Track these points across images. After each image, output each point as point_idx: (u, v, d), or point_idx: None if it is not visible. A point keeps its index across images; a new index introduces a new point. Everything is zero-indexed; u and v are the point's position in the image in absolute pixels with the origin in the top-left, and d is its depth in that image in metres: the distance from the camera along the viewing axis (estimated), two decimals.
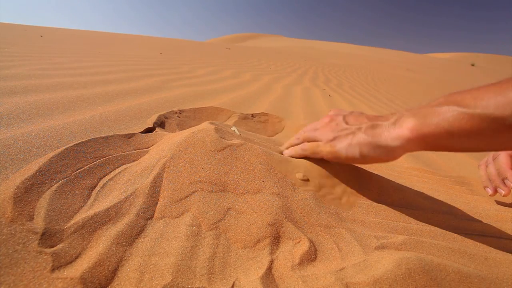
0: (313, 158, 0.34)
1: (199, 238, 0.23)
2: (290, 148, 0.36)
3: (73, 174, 0.28)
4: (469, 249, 0.27)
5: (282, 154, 0.36)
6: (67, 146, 0.31)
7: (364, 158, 0.30)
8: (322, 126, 0.35)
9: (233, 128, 0.43)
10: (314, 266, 0.22)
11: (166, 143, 0.36)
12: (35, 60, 1.24)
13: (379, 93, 2.11)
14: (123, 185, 0.28)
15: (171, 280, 0.19)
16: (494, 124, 0.21)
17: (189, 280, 0.19)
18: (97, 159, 0.31)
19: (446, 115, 0.24)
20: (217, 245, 0.23)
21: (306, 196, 0.29)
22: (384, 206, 0.32)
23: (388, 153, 0.28)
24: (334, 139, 0.32)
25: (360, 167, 0.38)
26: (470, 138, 0.23)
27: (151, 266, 0.20)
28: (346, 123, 0.33)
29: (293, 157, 0.35)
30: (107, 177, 0.29)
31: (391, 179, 0.42)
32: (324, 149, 0.32)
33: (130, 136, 0.39)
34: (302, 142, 0.36)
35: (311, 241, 0.24)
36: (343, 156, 0.31)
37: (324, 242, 0.25)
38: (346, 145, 0.30)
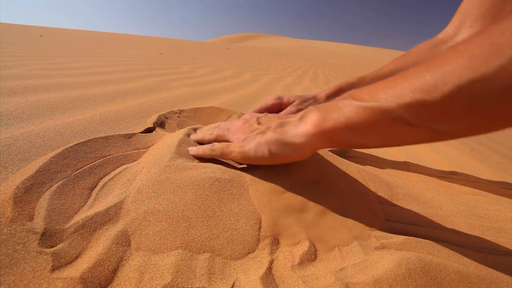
0: (221, 158, 0.33)
1: None
2: (199, 148, 0.33)
3: (73, 174, 0.28)
4: (469, 249, 0.27)
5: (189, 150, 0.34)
6: (67, 146, 0.31)
7: (273, 157, 0.29)
8: (235, 127, 0.34)
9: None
10: (314, 266, 0.22)
11: (164, 142, 0.36)
12: (35, 60, 1.24)
13: None
14: (123, 185, 0.28)
15: (171, 280, 0.19)
16: (384, 116, 0.21)
17: (189, 280, 0.19)
18: (97, 159, 0.31)
19: (345, 109, 0.24)
20: None
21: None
22: (384, 206, 0.32)
23: (295, 150, 0.28)
24: (244, 139, 0.31)
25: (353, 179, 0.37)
26: (367, 133, 0.23)
27: (151, 266, 0.20)
28: (259, 123, 0.32)
29: (200, 157, 0.33)
30: (107, 177, 0.29)
31: (391, 179, 0.42)
32: (234, 149, 0.31)
33: (130, 136, 0.39)
34: (214, 139, 0.35)
35: (311, 241, 0.24)
36: (253, 156, 0.29)
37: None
38: (255, 145, 0.29)
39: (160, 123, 0.50)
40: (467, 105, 0.18)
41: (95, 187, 0.28)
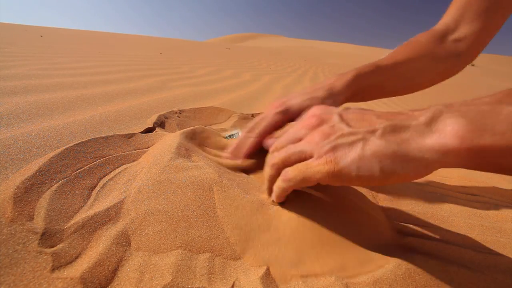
0: (304, 186, 0.23)
1: None
2: (273, 194, 0.25)
3: (73, 174, 0.28)
4: (469, 249, 0.27)
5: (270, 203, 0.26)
6: (67, 146, 0.31)
7: (386, 177, 0.20)
8: (306, 131, 0.24)
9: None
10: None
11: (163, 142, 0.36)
12: (35, 60, 1.24)
13: None
14: (123, 185, 0.28)
15: (171, 280, 0.19)
16: None
17: (189, 280, 0.19)
18: (97, 159, 0.31)
19: None
20: None
21: None
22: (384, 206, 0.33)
23: (419, 169, 0.19)
24: (332, 150, 0.21)
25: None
26: None
27: (151, 266, 0.20)
28: (347, 124, 0.23)
29: (279, 202, 0.25)
30: (107, 177, 0.29)
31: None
32: (319, 169, 0.21)
33: (130, 136, 0.39)
34: (279, 168, 0.24)
35: None
36: (353, 175, 0.20)
37: None
38: (355, 159, 0.20)
39: (160, 123, 0.50)
40: None
41: (95, 187, 0.28)
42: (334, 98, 0.36)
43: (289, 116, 0.34)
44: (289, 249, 0.22)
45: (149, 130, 0.46)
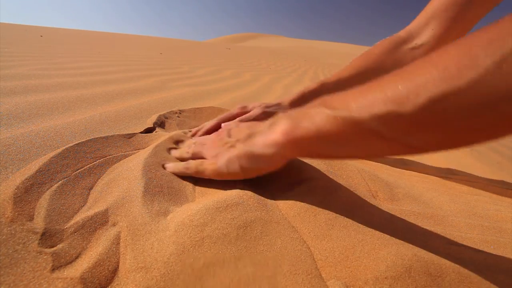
0: (196, 176, 0.31)
1: None
2: (176, 165, 0.32)
3: (73, 174, 0.28)
4: (469, 249, 0.27)
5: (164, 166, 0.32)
6: (67, 146, 0.31)
7: (245, 172, 0.27)
8: (209, 142, 0.33)
9: None
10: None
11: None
12: (35, 60, 1.24)
13: None
14: (123, 185, 0.28)
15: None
16: (356, 127, 0.20)
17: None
18: (97, 159, 0.31)
19: (315, 118, 0.22)
20: None
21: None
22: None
23: (266, 163, 0.26)
24: (216, 155, 0.30)
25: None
26: (339, 144, 0.22)
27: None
28: (229, 136, 0.31)
29: (175, 173, 0.31)
30: (107, 177, 0.29)
31: (391, 179, 0.42)
32: (207, 167, 0.29)
33: (130, 136, 0.39)
34: (191, 157, 0.33)
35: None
36: (225, 172, 0.28)
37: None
38: (226, 161, 0.28)
39: (160, 123, 0.50)
40: (439, 119, 0.17)
41: (95, 187, 0.28)
42: (283, 108, 0.47)
43: (244, 112, 0.46)
44: None
45: (149, 130, 0.46)
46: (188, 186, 0.30)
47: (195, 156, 0.33)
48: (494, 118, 0.15)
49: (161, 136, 0.41)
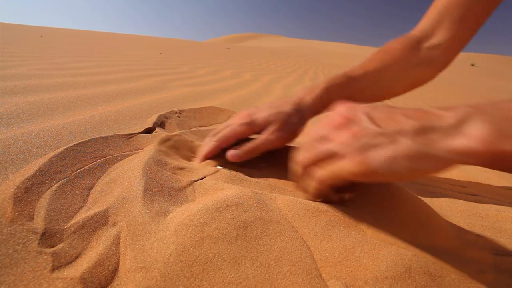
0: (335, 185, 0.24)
1: None
2: (311, 194, 0.26)
3: (73, 174, 0.28)
4: (469, 249, 0.27)
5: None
6: (67, 146, 0.31)
7: (412, 173, 0.21)
8: (334, 131, 0.24)
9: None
10: None
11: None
12: (35, 60, 1.24)
13: None
14: (123, 185, 0.28)
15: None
16: None
17: None
18: (97, 159, 0.31)
19: None
20: None
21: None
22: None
23: (440, 166, 0.21)
24: (364, 151, 0.22)
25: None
26: None
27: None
28: (376, 124, 0.23)
29: (316, 199, 0.26)
30: (107, 177, 0.29)
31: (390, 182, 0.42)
32: (352, 169, 0.22)
33: (130, 136, 0.39)
34: (307, 167, 0.25)
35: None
36: (385, 174, 0.21)
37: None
38: (387, 160, 0.21)
39: (160, 123, 0.50)
40: None
41: (95, 187, 0.28)
42: (301, 113, 0.37)
43: (253, 128, 0.35)
44: None
45: (149, 130, 0.46)
46: (188, 186, 0.30)
47: (317, 161, 0.25)
48: None
49: (159, 136, 0.41)
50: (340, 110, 0.26)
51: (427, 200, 0.38)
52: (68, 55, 1.65)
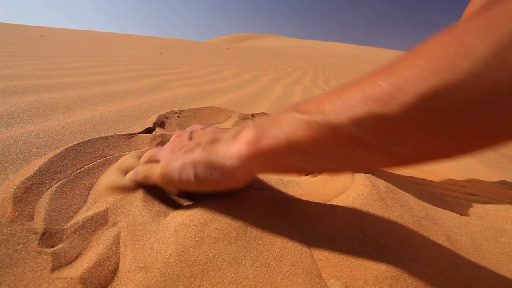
0: (146, 183, 0.26)
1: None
2: (128, 174, 0.28)
3: (73, 174, 0.28)
4: (469, 248, 0.27)
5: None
6: (67, 146, 0.31)
7: (199, 182, 0.23)
8: (168, 144, 0.28)
9: None
10: None
11: None
12: (35, 60, 1.24)
13: None
14: None
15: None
16: (332, 134, 0.17)
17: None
18: (97, 159, 0.31)
19: (285, 125, 0.19)
20: None
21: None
22: None
23: (226, 176, 0.22)
24: (170, 158, 0.25)
25: None
26: (314, 155, 0.18)
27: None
28: (190, 138, 0.26)
29: (130, 184, 0.27)
30: None
31: (389, 183, 0.42)
32: (155, 171, 0.25)
33: (130, 136, 0.39)
34: (146, 160, 0.29)
35: None
36: (176, 179, 0.23)
37: None
38: (180, 165, 0.23)
39: (160, 123, 0.50)
40: (429, 120, 0.14)
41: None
42: None
43: None
44: None
45: (149, 130, 0.46)
46: None
47: (150, 160, 0.28)
48: (496, 117, 0.13)
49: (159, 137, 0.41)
50: (182, 131, 0.30)
51: (427, 200, 0.38)
52: (68, 55, 1.65)
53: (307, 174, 0.35)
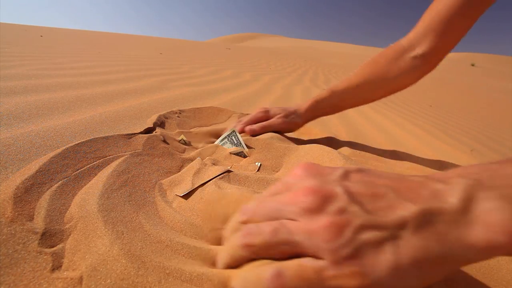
0: None
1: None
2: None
3: (73, 174, 0.28)
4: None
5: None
6: (67, 146, 0.31)
7: (423, 284, 0.15)
8: (299, 210, 0.17)
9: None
10: None
11: None
12: (35, 60, 1.24)
13: None
14: None
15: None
16: None
17: None
18: (97, 159, 0.31)
19: None
20: None
21: None
22: None
23: (458, 266, 0.17)
24: (356, 255, 0.14)
25: None
26: None
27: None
28: (360, 205, 0.16)
29: None
30: None
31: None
32: (340, 284, 0.14)
33: (130, 136, 0.39)
34: (255, 253, 0.17)
35: None
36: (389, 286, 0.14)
37: None
38: (390, 269, 0.14)
39: (160, 123, 0.50)
40: None
41: None
42: (299, 116, 0.53)
43: (267, 116, 0.51)
44: None
45: (149, 130, 0.46)
46: (195, 189, 0.30)
47: (280, 254, 0.16)
48: None
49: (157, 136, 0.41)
50: (309, 182, 0.18)
51: None
52: (68, 55, 1.65)
53: None
